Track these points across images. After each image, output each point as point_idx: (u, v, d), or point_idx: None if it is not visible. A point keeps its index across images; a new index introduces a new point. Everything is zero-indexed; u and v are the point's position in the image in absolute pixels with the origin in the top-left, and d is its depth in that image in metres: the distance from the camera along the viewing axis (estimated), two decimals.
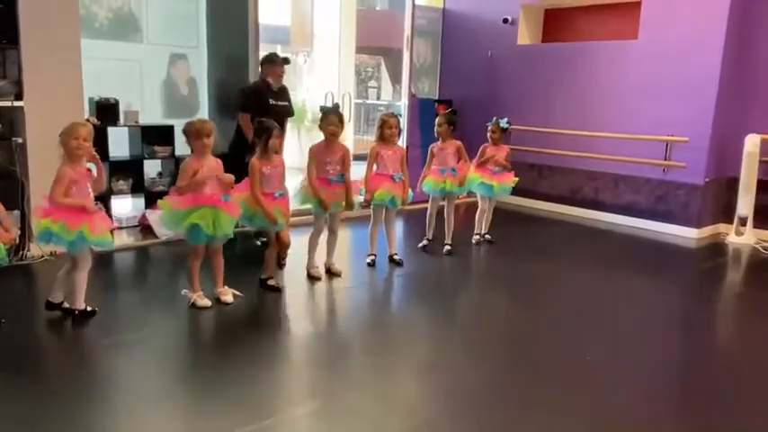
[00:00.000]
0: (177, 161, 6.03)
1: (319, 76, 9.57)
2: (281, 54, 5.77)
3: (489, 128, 5.60)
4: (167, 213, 3.75)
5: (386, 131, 4.79)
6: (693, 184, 6.41)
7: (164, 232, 5.09)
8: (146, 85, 6.12)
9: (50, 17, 4.60)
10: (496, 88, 7.87)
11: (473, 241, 5.77)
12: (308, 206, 4.57)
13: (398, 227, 5.37)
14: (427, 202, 5.43)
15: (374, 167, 4.82)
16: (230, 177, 3.83)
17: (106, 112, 5.48)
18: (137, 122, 5.74)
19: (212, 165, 3.80)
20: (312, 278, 4.58)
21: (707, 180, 6.39)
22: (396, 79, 8.49)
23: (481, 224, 5.81)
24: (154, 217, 5.25)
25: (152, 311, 3.91)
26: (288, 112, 5.49)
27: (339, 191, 4.50)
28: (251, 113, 5.05)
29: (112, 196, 5.58)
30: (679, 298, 4.76)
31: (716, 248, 6.15)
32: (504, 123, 5.58)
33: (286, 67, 5.45)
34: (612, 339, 3.75)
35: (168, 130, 5.87)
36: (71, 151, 3.43)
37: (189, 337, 3.65)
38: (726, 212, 6.54)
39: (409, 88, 7.77)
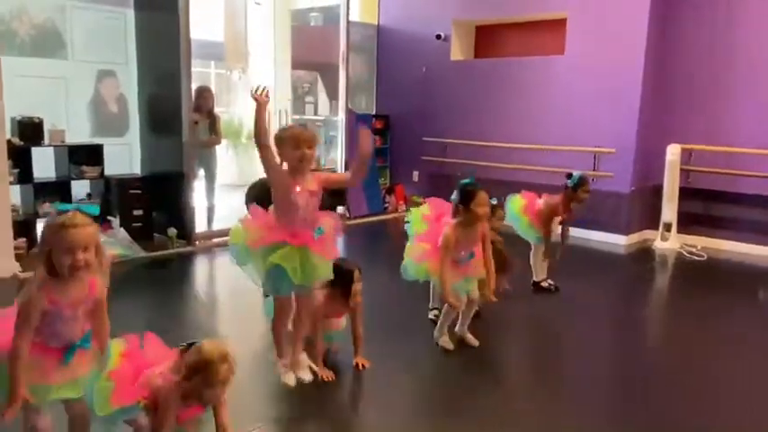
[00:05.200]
0: (107, 181, 5.87)
1: None
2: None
3: (579, 186, 4.80)
4: (241, 247, 2.90)
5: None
6: (620, 192, 6.67)
7: None
8: (72, 103, 5.92)
9: None
10: (431, 103, 8.00)
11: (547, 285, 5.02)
12: None
13: None
14: None
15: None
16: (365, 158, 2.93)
17: (29, 131, 5.30)
18: (63, 142, 5.55)
19: (312, 186, 2.89)
20: None
21: (633, 189, 6.67)
22: (332, 95, 8.51)
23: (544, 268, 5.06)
24: None
25: None
26: None
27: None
28: None
29: (38, 219, 5.37)
30: (610, 302, 4.93)
31: (643, 254, 6.41)
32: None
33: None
34: (546, 344, 3.85)
35: (97, 149, 5.71)
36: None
37: None
38: (652, 219, 6.82)
39: (346, 103, 7.81)
